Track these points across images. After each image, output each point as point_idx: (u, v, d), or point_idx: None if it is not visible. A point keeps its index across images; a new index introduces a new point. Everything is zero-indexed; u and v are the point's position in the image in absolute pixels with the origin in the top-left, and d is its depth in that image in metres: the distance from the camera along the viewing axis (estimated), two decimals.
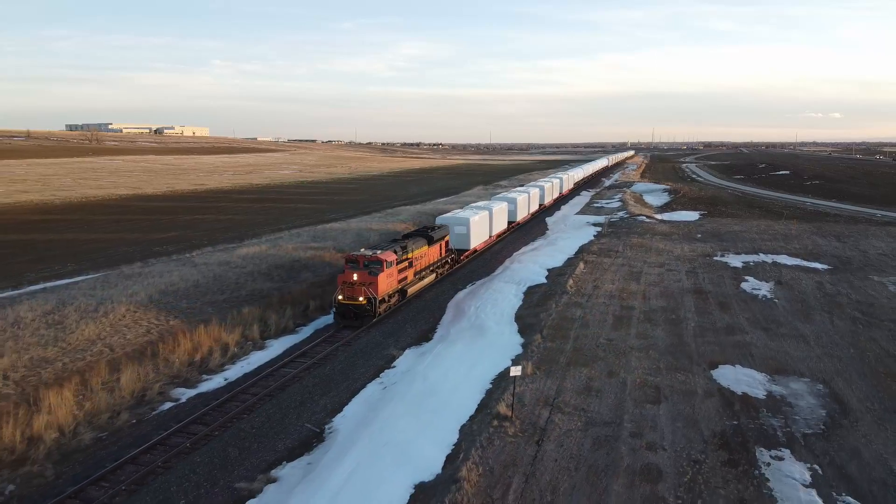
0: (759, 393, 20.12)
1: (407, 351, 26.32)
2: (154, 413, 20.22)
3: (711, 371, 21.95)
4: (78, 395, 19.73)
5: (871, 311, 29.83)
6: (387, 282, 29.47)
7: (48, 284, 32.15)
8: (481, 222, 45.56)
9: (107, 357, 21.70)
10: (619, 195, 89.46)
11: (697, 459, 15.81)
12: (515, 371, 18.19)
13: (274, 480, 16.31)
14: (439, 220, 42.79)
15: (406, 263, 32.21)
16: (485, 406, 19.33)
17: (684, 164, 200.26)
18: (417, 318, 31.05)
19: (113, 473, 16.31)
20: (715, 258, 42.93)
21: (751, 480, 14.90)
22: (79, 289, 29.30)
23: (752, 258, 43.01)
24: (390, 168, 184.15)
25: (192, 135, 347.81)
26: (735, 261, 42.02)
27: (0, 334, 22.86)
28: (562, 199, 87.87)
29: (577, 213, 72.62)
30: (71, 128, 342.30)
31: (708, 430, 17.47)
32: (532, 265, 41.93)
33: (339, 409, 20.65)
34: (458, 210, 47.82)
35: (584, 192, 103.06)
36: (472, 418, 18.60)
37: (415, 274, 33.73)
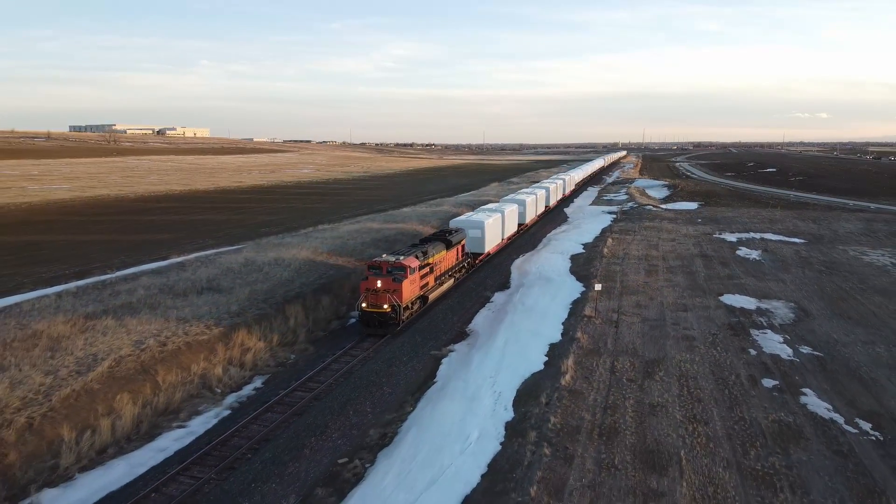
0: (751, 307, 30.45)
1: (496, 293, 36.41)
2: (349, 323, 30.34)
3: (719, 297, 32.26)
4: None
5: (833, 266, 40.29)
6: (410, 288, 28.89)
7: (217, 251, 41.86)
8: (495, 225, 44.52)
9: (307, 289, 31.61)
10: (625, 190, 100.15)
11: (714, 333, 26.10)
12: (598, 287, 28.40)
13: (452, 350, 26.43)
14: (453, 224, 41.60)
15: (427, 269, 31.68)
16: (573, 313, 29.53)
17: (677, 163, 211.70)
18: (493, 275, 41.11)
19: (357, 346, 26.43)
20: (714, 235, 53.38)
21: (747, 340, 25.20)
22: (247, 252, 39.11)
23: (744, 235, 53.53)
24: (400, 167, 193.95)
25: (193, 136, 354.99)
26: (731, 237, 52.50)
27: (227, 276, 32.75)
28: (565, 200, 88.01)
29: (591, 205, 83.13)
30: (74, 128, 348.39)
31: (720, 322, 27.78)
32: (567, 241, 52.24)
33: (469, 321, 30.77)
34: (471, 213, 47.04)
35: (589, 189, 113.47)
36: (567, 319, 28.80)
37: (435, 279, 33.32)
